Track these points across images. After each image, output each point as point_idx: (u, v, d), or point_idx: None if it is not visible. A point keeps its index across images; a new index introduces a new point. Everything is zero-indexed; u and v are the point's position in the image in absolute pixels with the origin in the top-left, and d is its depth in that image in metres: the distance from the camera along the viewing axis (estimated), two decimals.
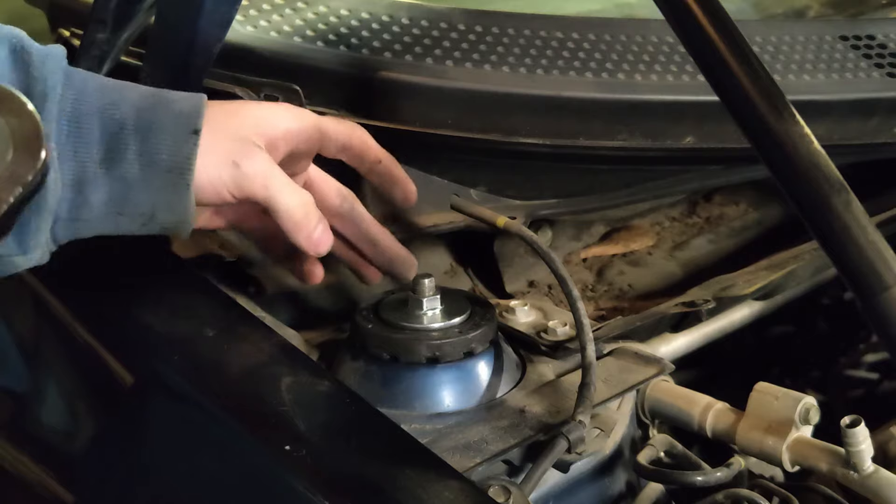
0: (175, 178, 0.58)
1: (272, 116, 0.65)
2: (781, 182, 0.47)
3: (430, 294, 0.70)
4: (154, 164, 0.58)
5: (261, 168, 0.62)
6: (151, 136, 0.58)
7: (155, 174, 0.58)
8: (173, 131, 0.58)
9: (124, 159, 0.57)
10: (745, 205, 1.04)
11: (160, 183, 0.58)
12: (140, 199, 0.59)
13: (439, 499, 0.53)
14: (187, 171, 0.58)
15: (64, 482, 0.68)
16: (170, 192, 0.59)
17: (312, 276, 0.74)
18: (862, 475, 0.64)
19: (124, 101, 0.58)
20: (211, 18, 0.67)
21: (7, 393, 0.78)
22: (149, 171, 0.58)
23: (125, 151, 0.57)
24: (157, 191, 0.59)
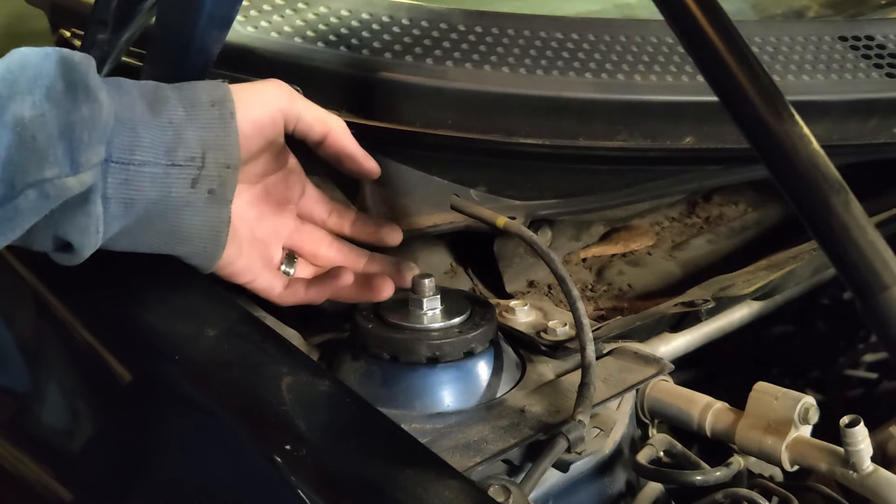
0: (219, 109, 0.63)
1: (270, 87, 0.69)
2: (780, 182, 0.47)
3: (430, 294, 0.70)
4: (196, 103, 0.62)
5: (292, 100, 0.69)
6: (187, 87, 0.63)
7: (199, 111, 0.62)
8: (206, 84, 0.64)
9: (167, 105, 0.61)
10: (745, 205, 1.04)
11: (206, 118, 0.62)
12: (189, 138, 0.62)
13: (439, 498, 0.53)
14: (228, 101, 0.63)
15: (64, 482, 0.68)
16: (216, 125, 0.63)
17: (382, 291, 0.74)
18: (861, 475, 0.64)
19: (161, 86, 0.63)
20: (211, 19, 0.67)
21: (7, 393, 0.78)
22: (192, 110, 0.62)
23: (167, 100, 0.61)
24: (203, 127, 0.62)
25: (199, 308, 0.70)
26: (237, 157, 0.64)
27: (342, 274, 0.73)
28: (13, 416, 0.76)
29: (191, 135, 0.62)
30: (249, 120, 0.66)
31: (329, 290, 0.73)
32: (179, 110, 0.61)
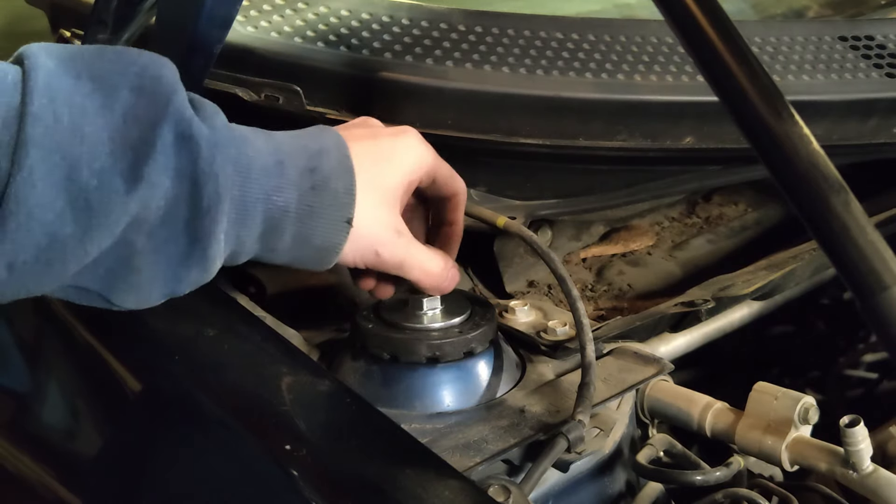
0: (323, 255, 0.63)
1: (407, 166, 0.67)
2: (780, 182, 0.47)
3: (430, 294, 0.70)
4: (306, 245, 0.62)
5: (399, 255, 0.66)
6: (309, 220, 0.61)
7: (304, 252, 0.62)
8: (330, 218, 0.62)
9: (280, 239, 0.61)
10: (745, 205, 1.04)
11: (306, 258, 0.63)
12: (280, 259, 0.63)
13: (439, 498, 0.53)
14: (335, 254, 0.63)
15: (64, 482, 0.68)
16: (314, 262, 0.63)
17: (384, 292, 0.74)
18: (861, 474, 0.64)
19: (287, 182, 0.60)
20: (211, 19, 0.67)
21: (7, 393, 0.78)
22: (299, 249, 0.62)
23: (283, 234, 0.61)
24: (299, 258, 0.63)
25: (199, 308, 0.70)
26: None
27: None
28: (13, 416, 0.76)
29: (283, 260, 0.63)
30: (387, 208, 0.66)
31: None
32: (287, 245, 0.61)
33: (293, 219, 0.60)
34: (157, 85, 0.55)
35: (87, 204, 0.51)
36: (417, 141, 0.68)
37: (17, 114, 0.50)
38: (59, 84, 0.52)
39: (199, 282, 0.58)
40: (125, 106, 0.53)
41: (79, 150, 0.51)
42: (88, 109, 0.52)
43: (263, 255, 0.62)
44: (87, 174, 0.51)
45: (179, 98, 0.55)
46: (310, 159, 0.61)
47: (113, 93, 0.53)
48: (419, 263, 0.67)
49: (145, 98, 0.54)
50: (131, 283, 0.56)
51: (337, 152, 0.63)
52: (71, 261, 0.52)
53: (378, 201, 0.64)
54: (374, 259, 0.65)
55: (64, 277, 0.53)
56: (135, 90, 0.54)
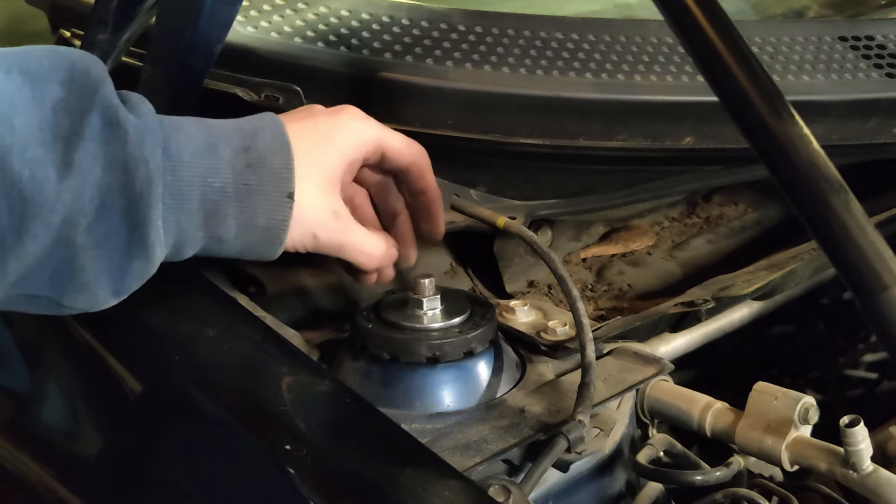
0: (270, 236, 0.63)
1: (346, 144, 0.67)
2: (780, 182, 0.47)
3: (430, 294, 0.70)
4: (251, 225, 0.61)
5: (337, 238, 0.66)
6: (249, 199, 0.61)
7: (251, 232, 0.62)
8: (270, 194, 0.62)
9: (224, 223, 0.61)
10: (745, 205, 1.04)
11: (254, 239, 0.62)
12: (230, 250, 0.63)
13: (439, 498, 0.53)
14: (282, 231, 0.63)
15: (64, 482, 0.68)
16: (263, 246, 0.63)
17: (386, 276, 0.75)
18: (861, 475, 0.64)
19: (220, 162, 0.60)
20: (211, 19, 0.67)
21: (7, 393, 0.78)
22: (245, 230, 0.61)
23: (225, 216, 0.60)
24: (249, 245, 0.63)
25: (199, 308, 0.70)
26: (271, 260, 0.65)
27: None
28: (13, 416, 0.76)
29: (233, 248, 0.63)
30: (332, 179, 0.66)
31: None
32: (232, 228, 0.61)
33: (232, 199, 0.60)
34: (85, 77, 0.56)
35: (21, 194, 0.52)
36: (356, 118, 0.68)
37: None
38: None
39: (144, 274, 0.58)
40: (55, 98, 0.54)
41: (10, 140, 0.52)
42: (18, 102, 0.53)
43: (211, 245, 0.61)
44: (19, 164, 0.52)
45: (107, 88, 0.56)
46: (243, 139, 0.61)
47: (43, 86, 0.54)
48: (358, 246, 0.67)
49: (75, 90, 0.55)
50: (78, 283, 0.56)
51: (272, 130, 0.63)
52: (10, 256, 0.53)
53: (316, 183, 0.64)
54: (312, 242, 0.65)
55: (5, 279, 0.54)
56: (65, 84, 0.55)
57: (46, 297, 0.57)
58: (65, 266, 0.55)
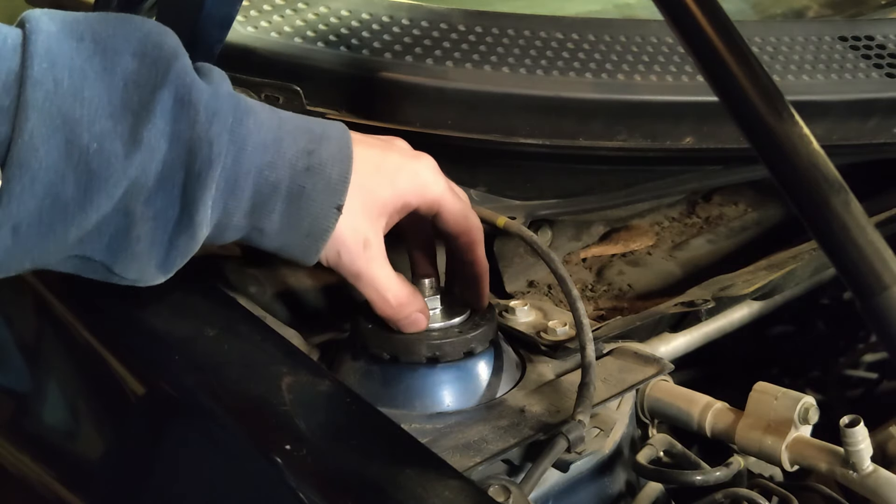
0: (310, 242, 0.62)
1: (407, 187, 0.66)
2: (780, 182, 0.47)
3: (430, 294, 0.70)
4: (295, 226, 0.61)
5: (358, 266, 0.65)
6: (300, 201, 0.61)
7: (292, 234, 0.62)
8: (320, 201, 0.61)
9: (269, 217, 0.60)
10: (745, 205, 1.04)
11: (294, 241, 0.62)
12: (270, 244, 0.62)
13: (439, 498, 0.53)
14: (323, 240, 0.62)
15: (63, 481, 0.68)
16: (301, 249, 0.63)
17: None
18: (861, 475, 0.64)
19: (281, 160, 0.60)
20: (211, 19, 0.67)
21: (7, 393, 0.78)
22: (288, 230, 0.61)
23: (272, 211, 0.60)
24: (288, 246, 0.62)
25: (199, 308, 0.70)
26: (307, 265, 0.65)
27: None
28: (13, 416, 0.76)
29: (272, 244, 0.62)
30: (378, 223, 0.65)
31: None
32: (276, 224, 0.61)
33: (283, 196, 0.60)
34: (158, 51, 0.55)
35: (88, 167, 0.52)
36: (428, 168, 0.68)
37: (18, 78, 0.51)
38: (60, 48, 0.52)
39: (188, 251, 0.58)
40: (126, 70, 0.54)
41: (79, 113, 0.52)
42: (89, 73, 0.53)
43: (252, 235, 0.61)
44: (88, 137, 0.52)
45: (181, 64, 0.56)
46: (310, 141, 0.61)
47: (114, 57, 0.54)
48: (377, 283, 0.65)
49: (147, 63, 0.54)
50: (132, 252, 0.56)
51: (339, 141, 0.63)
52: (72, 225, 0.53)
53: (360, 207, 0.64)
54: (335, 259, 0.64)
55: (66, 244, 0.54)
56: (137, 56, 0.54)
57: (101, 262, 0.57)
58: (122, 234, 0.55)
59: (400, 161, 0.66)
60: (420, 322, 0.68)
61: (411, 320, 0.67)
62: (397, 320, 0.67)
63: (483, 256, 0.72)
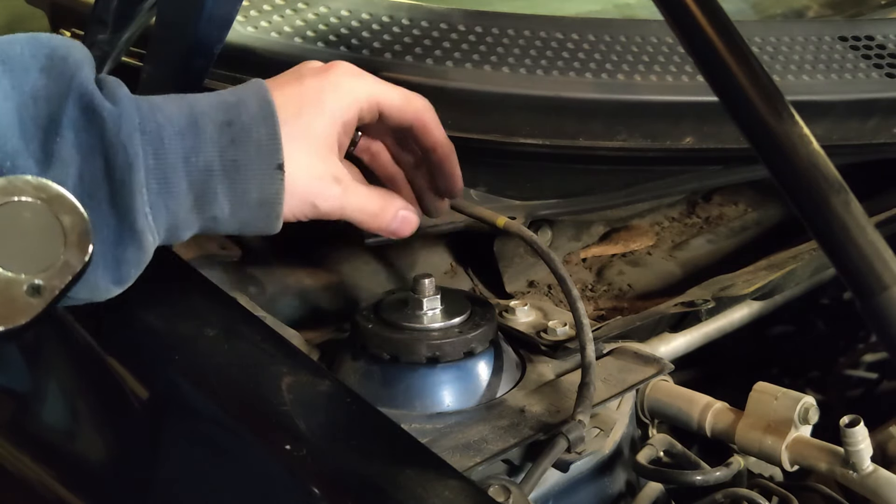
0: (265, 210, 0.61)
1: (337, 105, 0.64)
2: (780, 182, 0.47)
3: (430, 294, 0.70)
4: (244, 202, 0.60)
5: (337, 203, 0.64)
6: (238, 175, 0.59)
7: (245, 209, 0.60)
8: (259, 168, 0.60)
9: (215, 202, 0.59)
10: (745, 205, 1.04)
11: (250, 215, 0.61)
12: (228, 227, 0.61)
13: (439, 498, 0.53)
14: (277, 204, 0.61)
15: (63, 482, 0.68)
16: (260, 220, 0.61)
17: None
18: (861, 474, 0.64)
19: (203, 141, 0.58)
20: (212, 19, 0.67)
21: (7, 393, 0.78)
22: (239, 208, 0.60)
23: (215, 195, 0.59)
24: (247, 222, 0.61)
25: (199, 308, 0.70)
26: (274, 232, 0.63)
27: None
28: (13, 416, 0.76)
29: (231, 226, 0.61)
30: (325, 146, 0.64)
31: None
32: (226, 207, 0.59)
33: (220, 176, 0.58)
34: (63, 64, 0.55)
35: None
36: (347, 74, 0.65)
37: None
38: None
39: (139, 261, 0.58)
40: (35, 87, 0.54)
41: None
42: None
43: (207, 226, 0.60)
44: (1, 156, 0.52)
45: (83, 74, 0.55)
46: (227, 112, 0.59)
47: (23, 74, 0.54)
48: (360, 207, 0.65)
49: (53, 77, 0.54)
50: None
51: (256, 100, 0.61)
52: None
53: (308, 150, 0.62)
54: (312, 211, 0.63)
55: None
56: (44, 71, 0.54)
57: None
58: None
59: (317, 83, 0.64)
60: (409, 221, 0.67)
61: (399, 221, 0.67)
62: (391, 227, 0.67)
63: (443, 136, 0.70)
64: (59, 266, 0.51)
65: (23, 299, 0.50)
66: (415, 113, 0.68)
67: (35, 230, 0.51)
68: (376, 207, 0.66)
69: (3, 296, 0.50)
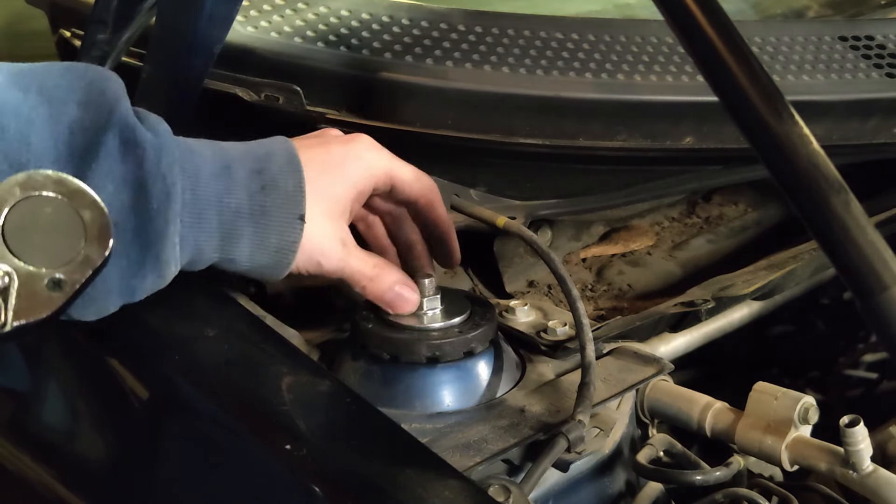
0: (280, 257, 0.63)
1: (356, 173, 0.67)
2: (780, 182, 0.47)
3: (430, 294, 0.70)
4: (263, 246, 0.63)
5: (340, 265, 0.66)
6: (264, 220, 0.62)
7: (262, 254, 0.63)
8: (282, 215, 0.63)
9: (239, 243, 0.62)
10: (744, 205, 1.04)
11: (266, 260, 0.63)
12: (242, 268, 0.64)
13: (439, 498, 0.53)
14: (291, 253, 0.64)
15: (63, 482, 0.68)
16: (272, 267, 0.64)
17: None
18: (861, 474, 0.64)
19: (236, 185, 0.61)
20: (211, 19, 0.67)
21: (7, 393, 0.78)
22: (258, 251, 0.63)
23: (240, 238, 0.62)
24: (259, 266, 0.64)
25: (199, 308, 0.70)
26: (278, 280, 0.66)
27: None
28: (13, 416, 0.76)
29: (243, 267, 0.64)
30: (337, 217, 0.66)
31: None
32: (247, 249, 0.62)
33: (247, 219, 0.61)
34: (102, 97, 0.57)
35: None
36: (368, 147, 0.68)
37: None
38: (7, 97, 0.54)
39: (156, 288, 0.60)
40: (71, 118, 0.55)
41: (25, 157, 0.53)
42: (35, 121, 0.54)
43: (222, 264, 0.63)
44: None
45: (123, 107, 0.57)
46: (256, 161, 0.62)
47: (60, 107, 0.55)
48: (358, 269, 0.67)
49: (91, 110, 0.56)
50: (87, 297, 0.56)
51: (284, 154, 0.64)
52: None
53: (324, 211, 0.65)
54: (316, 268, 0.66)
55: None
56: (81, 104, 0.56)
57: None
58: None
59: (341, 150, 0.67)
60: (406, 299, 0.68)
61: (394, 294, 0.68)
62: (382, 298, 0.68)
63: (444, 213, 0.73)
64: (80, 260, 0.52)
65: (44, 293, 0.51)
66: (422, 189, 0.71)
67: (56, 225, 0.51)
68: (371, 272, 0.68)
69: (25, 289, 0.51)
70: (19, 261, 0.51)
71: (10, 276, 0.50)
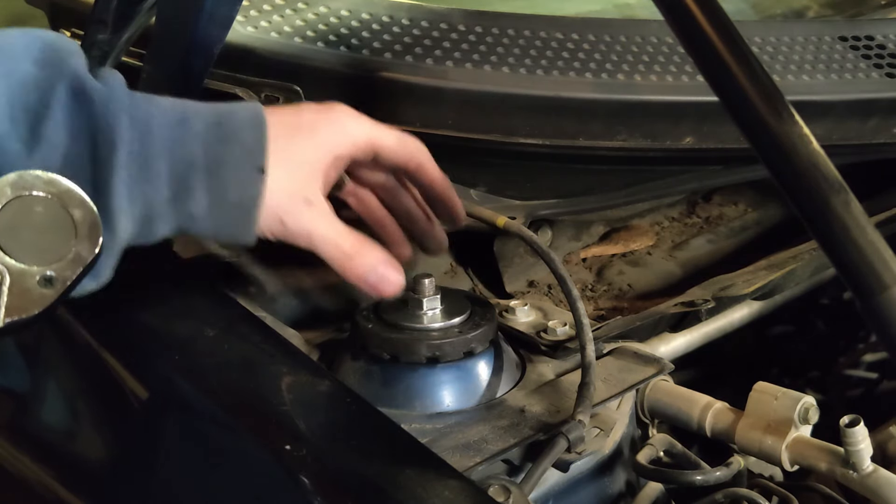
0: (242, 213, 0.60)
1: (330, 138, 0.64)
2: (780, 182, 0.47)
3: (430, 294, 0.70)
4: (222, 201, 0.59)
5: (305, 226, 0.62)
6: (220, 172, 0.59)
7: (222, 210, 0.59)
8: (240, 167, 0.59)
9: (192, 196, 0.58)
10: (745, 205, 1.04)
11: (227, 217, 0.60)
12: (204, 228, 0.60)
13: (439, 498, 0.53)
14: (253, 208, 0.60)
15: (63, 482, 0.68)
16: (236, 225, 0.60)
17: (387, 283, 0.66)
18: (861, 474, 0.64)
19: (191, 135, 0.58)
20: (212, 19, 0.67)
21: (7, 393, 0.78)
22: (216, 207, 0.59)
23: (193, 189, 0.58)
24: (222, 224, 0.60)
25: (199, 308, 0.70)
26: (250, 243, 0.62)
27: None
28: (13, 416, 0.76)
29: (206, 226, 0.60)
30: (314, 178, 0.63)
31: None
32: (203, 203, 0.59)
33: (201, 171, 0.58)
34: (55, 55, 0.56)
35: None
36: (346, 116, 0.66)
37: None
38: None
39: (112, 248, 0.57)
40: (26, 75, 0.55)
41: None
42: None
43: (184, 223, 0.59)
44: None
45: (76, 61, 0.56)
46: (217, 116, 0.60)
47: (14, 63, 0.55)
48: (331, 240, 0.63)
49: (46, 66, 0.55)
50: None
51: (249, 111, 0.61)
52: None
53: (290, 171, 0.62)
54: (280, 229, 0.61)
55: None
56: (37, 62, 0.55)
57: None
58: None
59: (315, 117, 0.64)
60: (389, 281, 0.64)
61: (377, 276, 0.64)
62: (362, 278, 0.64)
63: (438, 173, 0.70)
64: (71, 258, 0.53)
65: (36, 290, 0.52)
66: (409, 153, 0.68)
67: (47, 223, 0.52)
68: (350, 248, 0.63)
69: (18, 287, 0.52)
70: (11, 259, 0.51)
71: (3, 274, 0.51)
